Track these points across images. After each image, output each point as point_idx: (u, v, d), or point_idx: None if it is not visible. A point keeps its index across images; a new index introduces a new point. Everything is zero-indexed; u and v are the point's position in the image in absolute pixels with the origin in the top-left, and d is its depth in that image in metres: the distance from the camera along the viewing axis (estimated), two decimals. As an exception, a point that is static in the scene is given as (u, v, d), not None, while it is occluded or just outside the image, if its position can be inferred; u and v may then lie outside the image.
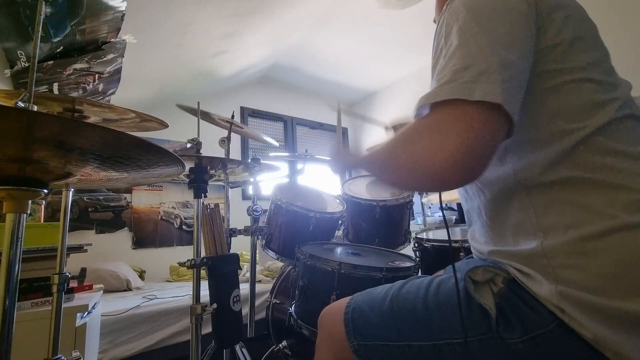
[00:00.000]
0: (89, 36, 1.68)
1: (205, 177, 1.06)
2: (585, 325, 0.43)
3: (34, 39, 0.64)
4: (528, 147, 0.50)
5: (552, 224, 0.47)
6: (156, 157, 0.55)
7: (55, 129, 0.44)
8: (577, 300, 0.44)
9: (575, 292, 0.44)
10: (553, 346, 0.47)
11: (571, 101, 0.48)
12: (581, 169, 0.46)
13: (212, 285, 1.10)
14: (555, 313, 0.46)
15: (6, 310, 0.50)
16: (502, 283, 0.51)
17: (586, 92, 0.48)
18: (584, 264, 0.44)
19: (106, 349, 1.54)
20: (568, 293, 0.44)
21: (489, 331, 0.51)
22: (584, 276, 0.44)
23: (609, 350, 0.43)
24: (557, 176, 0.48)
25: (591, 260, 0.44)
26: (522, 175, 0.51)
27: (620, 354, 0.42)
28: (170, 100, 2.20)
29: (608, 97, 0.48)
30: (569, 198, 0.47)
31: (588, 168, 0.46)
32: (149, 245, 2.83)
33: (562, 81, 0.49)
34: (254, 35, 2.62)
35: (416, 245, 1.34)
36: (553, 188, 0.48)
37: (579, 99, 0.48)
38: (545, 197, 0.49)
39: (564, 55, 0.49)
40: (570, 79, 0.48)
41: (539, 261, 0.48)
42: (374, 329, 0.63)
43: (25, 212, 0.55)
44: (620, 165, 0.45)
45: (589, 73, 0.49)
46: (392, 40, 3.07)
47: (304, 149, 2.20)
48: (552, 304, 0.46)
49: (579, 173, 0.46)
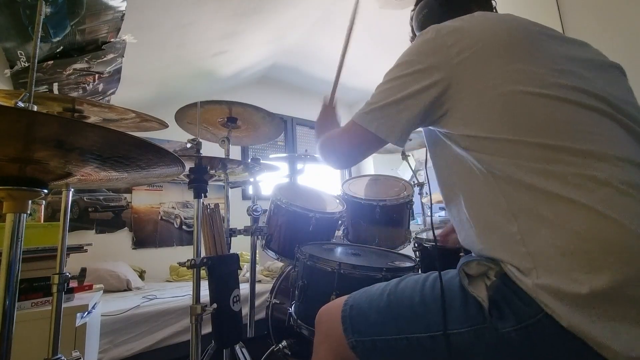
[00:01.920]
0: (89, 36, 1.68)
1: (205, 177, 1.06)
2: (560, 314, 0.45)
3: (34, 39, 0.64)
4: (490, 147, 0.55)
5: (521, 210, 0.51)
6: (156, 157, 0.55)
7: (55, 129, 0.44)
8: (550, 290, 0.46)
9: (547, 281, 0.46)
10: (543, 335, 0.48)
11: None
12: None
13: (212, 285, 1.10)
14: (539, 304, 0.48)
15: (6, 310, 0.50)
16: (494, 276, 0.53)
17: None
18: (550, 244, 0.47)
19: (106, 349, 1.54)
20: (543, 284, 0.47)
21: (483, 322, 0.53)
22: (550, 257, 0.47)
23: (588, 339, 0.44)
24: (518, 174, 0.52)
25: (554, 241, 0.47)
26: (491, 174, 0.55)
27: (598, 342, 0.43)
28: (170, 100, 2.20)
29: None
30: (537, 187, 0.50)
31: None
32: (149, 245, 2.83)
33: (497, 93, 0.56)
34: (254, 35, 2.62)
35: (416, 245, 1.34)
36: (515, 182, 0.52)
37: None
38: (511, 192, 0.52)
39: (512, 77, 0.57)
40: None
41: (519, 248, 0.50)
42: (372, 324, 0.64)
43: (25, 212, 0.55)
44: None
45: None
46: (392, 40, 3.07)
47: (304, 149, 2.20)
48: (534, 297, 0.48)
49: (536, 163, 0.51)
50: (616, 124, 0.53)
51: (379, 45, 3.15)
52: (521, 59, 0.56)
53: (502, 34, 0.58)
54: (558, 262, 0.47)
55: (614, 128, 0.52)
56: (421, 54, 0.62)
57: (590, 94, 0.53)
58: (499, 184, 0.54)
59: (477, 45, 0.57)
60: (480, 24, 0.61)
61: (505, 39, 0.58)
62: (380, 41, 3.07)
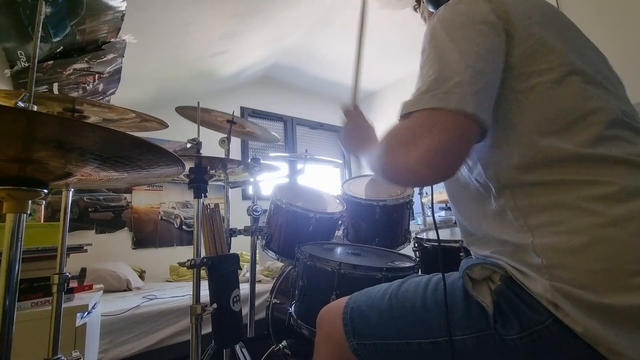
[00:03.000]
0: (89, 36, 1.68)
1: (205, 177, 1.06)
2: (578, 320, 0.44)
3: (34, 39, 0.64)
4: (507, 149, 0.52)
5: (538, 223, 0.49)
6: (156, 157, 0.55)
7: (55, 129, 0.44)
8: (570, 295, 0.45)
9: (568, 287, 0.45)
10: (549, 343, 0.47)
11: (544, 104, 0.51)
12: (557, 170, 0.49)
13: (212, 285, 1.10)
14: (549, 309, 0.46)
15: (6, 310, 0.50)
16: (499, 280, 0.52)
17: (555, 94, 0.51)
18: (573, 261, 0.45)
19: (106, 349, 1.54)
20: (561, 288, 0.45)
21: (487, 328, 0.52)
22: (574, 273, 0.45)
23: (601, 346, 0.43)
24: (537, 177, 0.50)
25: (579, 257, 0.45)
26: (505, 177, 0.52)
27: (612, 350, 0.43)
28: (170, 100, 2.20)
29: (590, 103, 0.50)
30: (552, 198, 0.48)
31: (563, 169, 0.49)
32: (149, 245, 2.83)
33: (531, 84, 0.51)
34: (254, 35, 2.62)
35: (416, 245, 1.34)
36: (534, 188, 0.50)
37: (548, 102, 0.51)
38: (529, 198, 0.50)
39: (531, 60, 0.52)
40: (539, 82, 0.51)
41: (532, 260, 0.48)
42: (373, 328, 0.63)
43: (25, 212, 0.55)
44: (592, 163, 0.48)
45: (551, 75, 0.51)
46: (392, 40, 3.07)
47: (304, 149, 2.20)
48: (547, 299, 0.46)
49: (556, 174, 0.49)
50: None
51: (379, 45, 3.15)
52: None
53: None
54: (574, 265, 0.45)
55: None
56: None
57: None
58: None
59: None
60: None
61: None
62: (380, 41, 3.07)
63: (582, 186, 0.47)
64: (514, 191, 0.52)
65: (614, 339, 0.42)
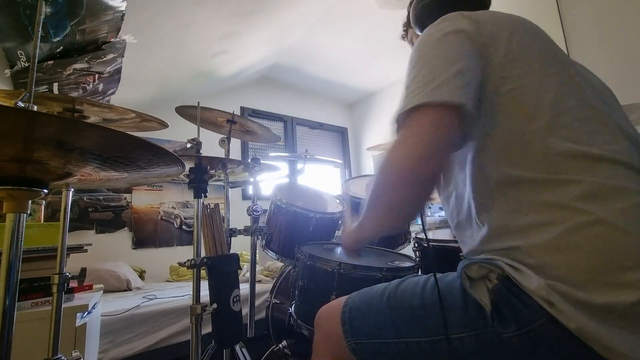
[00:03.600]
0: (89, 36, 1.68)
1: (205, 177, 1.06)
2: (571, 317, 0.45)
3: (34, 39, 0.64)
4: (493, 151, 0.55)
5: (529, 223, 0.51)
6: (156, 157, 0.55)
7: (55, 129, 0.44)
8: (563, 293, 0.45)
9: (561, 285, 0.46)
10: (546, 341, 0.48)
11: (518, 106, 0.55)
12: (544, 168, 0.51)
13: (212, 285, 1.10)
14: (545, 307, 0.47)
15: (6, 310, 0.50)
16: (496, 279, 0.52)
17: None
18: (563, 259, 0.47)
19: (106, 349, 1.54)
20: (555, 286, 0.46)
21: (485, 326, 0.52)
22: (565, 271, 0.46)
23: (595, 343, 0.44)
24: (526, 175, 0.52)
25: (568, 255, 0.46)
26: (495, 176, 0.55)
27: (607, 347, 0.43)
28: (170, 100, 2.20)
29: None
30: (541, 197, 0.50)
31: (548, 168, 0.51)
32: (149, 245, 2.83)
33: (511, 87, 0.55)
34: (254, 35, 2.62)
35: (416, 245, 1.34)
36: (522, 188, 0.52)
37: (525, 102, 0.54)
38: (520, 197, 0.52)
39: (506, 66, 0.57)
40: (515, 86, 0.55)
41: (525, 260, 0.50)
42: (371, 327, 0.63)
43: (25, 212, 0.55)
44: (577, 163, 0.50)
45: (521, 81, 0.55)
46: (392, 40, 3.07)
47: (304, 149, 2.20)
48: (542, 297, 0.47)
49: (542, 173, 0.51)
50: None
51: (380, 45, 3.15)
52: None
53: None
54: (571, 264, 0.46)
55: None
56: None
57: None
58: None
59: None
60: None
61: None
62: (380, 41, 3.07)
63: (569, 185, 0.49)
64: (502, 192, 0.54)
65: (607, 336, 0.43)
